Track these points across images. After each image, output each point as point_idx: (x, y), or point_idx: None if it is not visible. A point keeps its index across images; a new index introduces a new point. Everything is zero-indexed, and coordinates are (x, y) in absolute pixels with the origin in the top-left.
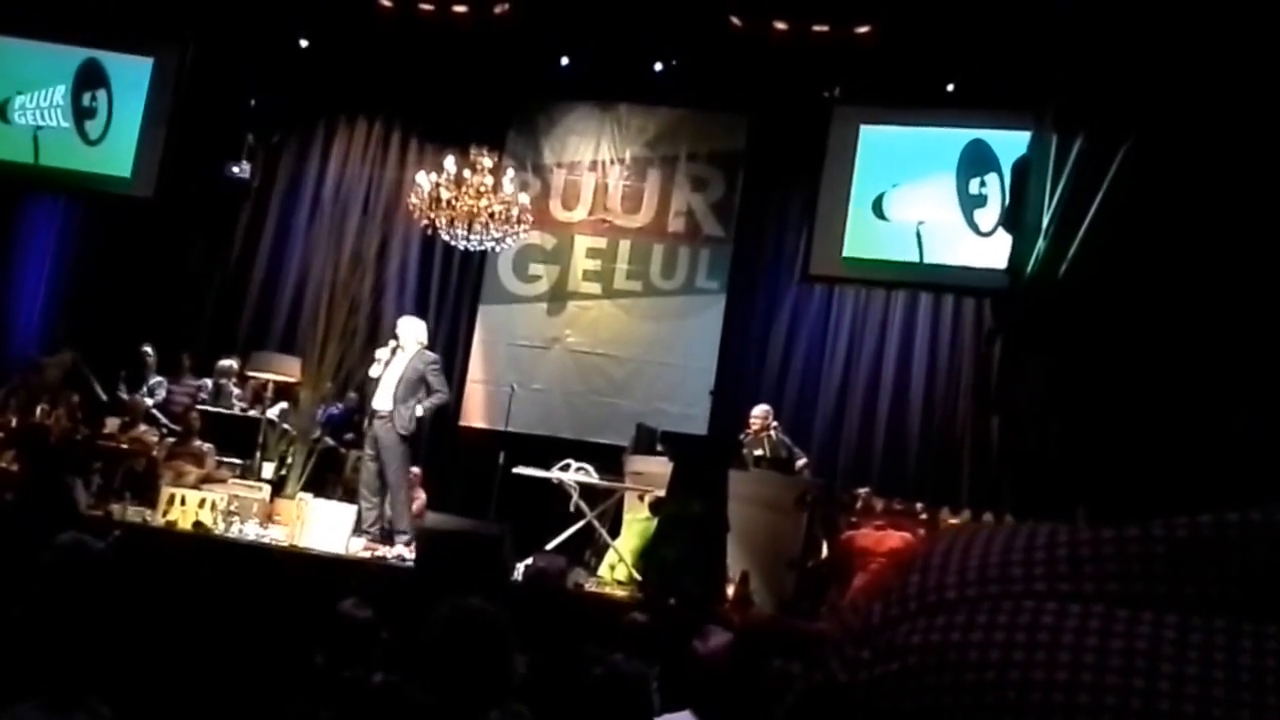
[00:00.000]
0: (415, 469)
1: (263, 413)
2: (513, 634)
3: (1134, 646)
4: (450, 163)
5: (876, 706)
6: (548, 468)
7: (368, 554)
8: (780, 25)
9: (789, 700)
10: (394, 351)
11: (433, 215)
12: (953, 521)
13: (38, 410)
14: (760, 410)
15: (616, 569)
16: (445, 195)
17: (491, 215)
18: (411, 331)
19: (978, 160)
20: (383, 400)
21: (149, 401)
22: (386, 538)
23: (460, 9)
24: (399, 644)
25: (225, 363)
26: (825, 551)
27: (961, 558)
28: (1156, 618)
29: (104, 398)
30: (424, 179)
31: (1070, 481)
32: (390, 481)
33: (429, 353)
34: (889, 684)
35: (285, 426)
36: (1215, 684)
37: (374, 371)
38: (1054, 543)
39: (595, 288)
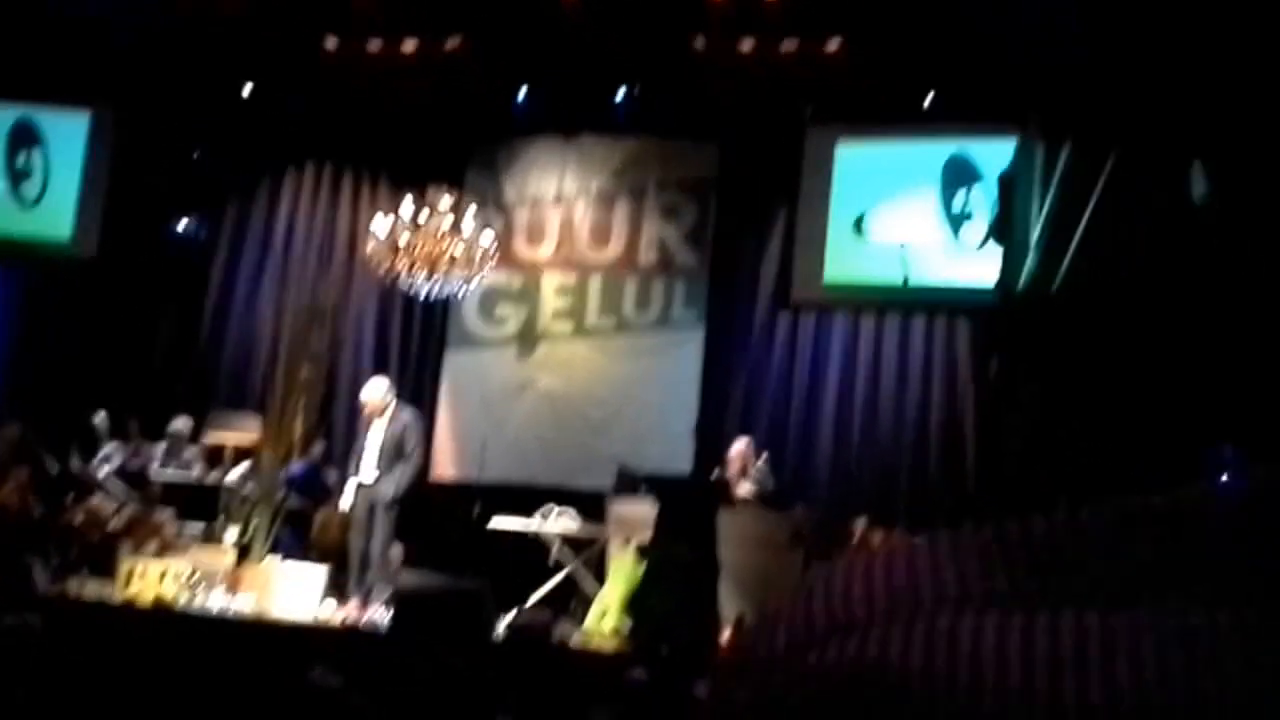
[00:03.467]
0: None
1: (222, 475)
2: (498, 691)
3: (1032, 650)
4: (407, 205)
5: None
6: (527, 517)
7: (341, 618)
8: (746, 45)
9: None
10: (370, 422)
11: (392, 261)
12: None
13: None
14: (738, 446)
15: (604, 619)
16: (404, 239)
17: (453, 258)
18: (378, 394)
19: (960, 174)
20: (366, 471)
21: (103, 471)
22: (366, 602)
23: (409, 46)
24: (374, 710)
25: (176, 424)
26: None
27: (865, 579)
28: (1047, 620)
29: (55, 470)
30: (381, 224)
31: (1065, 498)
32: (375, 549)
33: (404, 412)
34: (804, 712)
35: (248, 488)
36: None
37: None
38: (956, 553)
39: (566, 326)
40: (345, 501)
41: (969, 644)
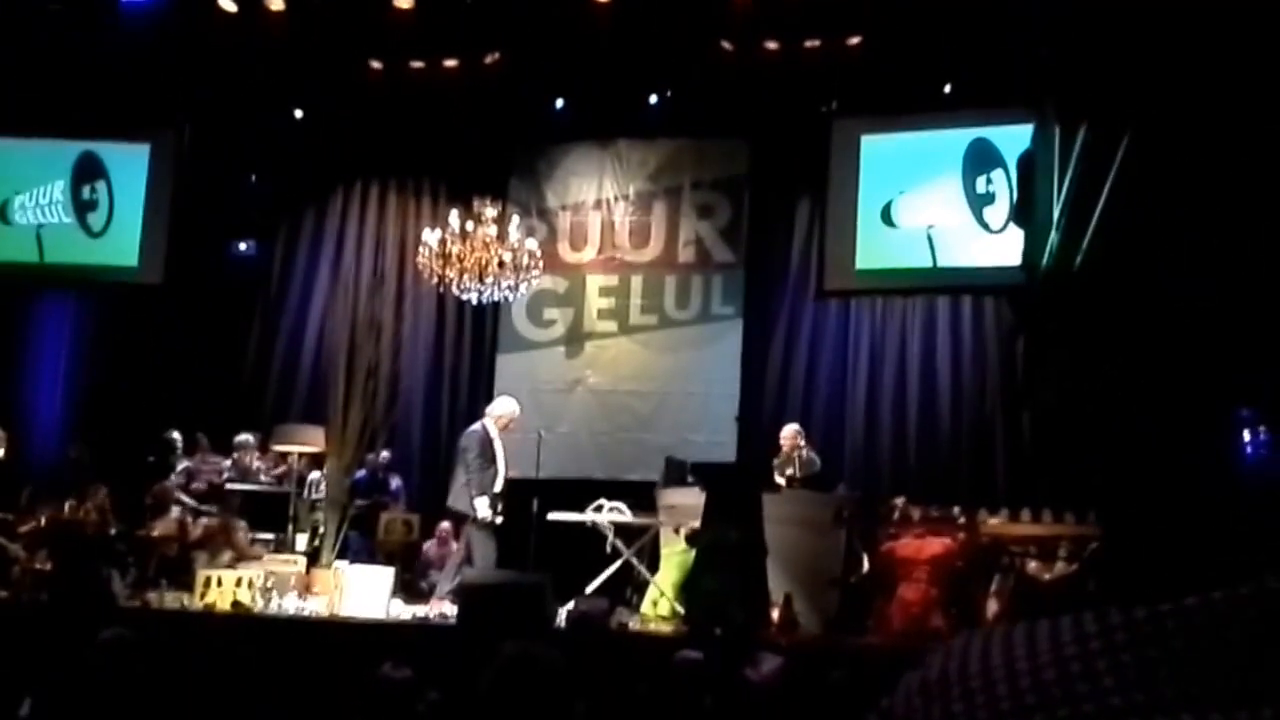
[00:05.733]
0: (446, 524)
1: (291, 486)
2: (571, 678)
3: None
4: (454, 217)
5: None
6: (581, 510)
7: (412, 614)
8: (771, 45)
9: None
10: (488, 432)
11: (442, 271)
12: (992, 522)
13: (65, 506)
14: (789, 430)
15: (659, 604)
16: (453, 249)
17: (500, 264)
18: (517, 410)
19: (982, 158)
20: (501, 483)
21: (177, 487)
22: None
23: (450, 63)
24: (448, 702)
25: (243, 437)
26: (867, 565)
27: (1008, 674)
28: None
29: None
30: (430, 236)
31: (1104, 473)
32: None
33: None
34: None
35: (316, 496)
36: None
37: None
38: (1110, 644)
39: (611, 325)
40: (486, 511)
41: None
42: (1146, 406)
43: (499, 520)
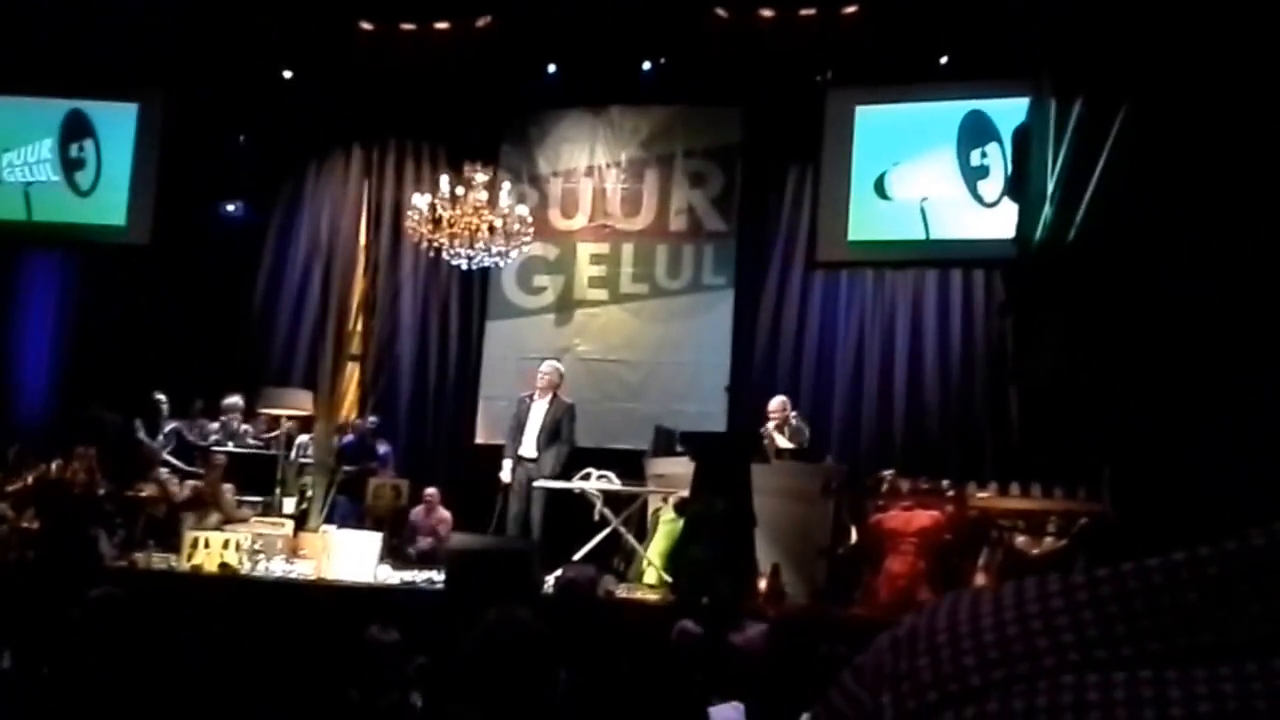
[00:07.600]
0: (432, 490)
1: (279, 449)
2: (554, 644)
3: (1196, 709)
4: (445, 181)
5: None
6: (569, 479)
7: (396, 581)
8: (766, 13)
9: None
10: (532, 399)
11: (432, 236)
12: (980, 495)
13: (52, 466)
14: (777, 402)
15: (646, 573)
16: (444, 214)
17: (491, 230)
18: (558, 374)
19: (977, 131)
20: (528, 447)
21: (165, 448)
22: None
23: (442, 26)
24: (435, 666)
25: (230, 400)
26: (854, 537)
27: (973, 631)
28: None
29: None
30: (421, 200)
31: (1095, 447)
32: (536, 520)
33: (566, 399)
34: None
35: (304, 460)
36: None
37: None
38: (1072, 602)
39: (602, 294)
40: (505, 474)
41: (1100, 712)
42: (1140, 387)
43: (504, 480)
